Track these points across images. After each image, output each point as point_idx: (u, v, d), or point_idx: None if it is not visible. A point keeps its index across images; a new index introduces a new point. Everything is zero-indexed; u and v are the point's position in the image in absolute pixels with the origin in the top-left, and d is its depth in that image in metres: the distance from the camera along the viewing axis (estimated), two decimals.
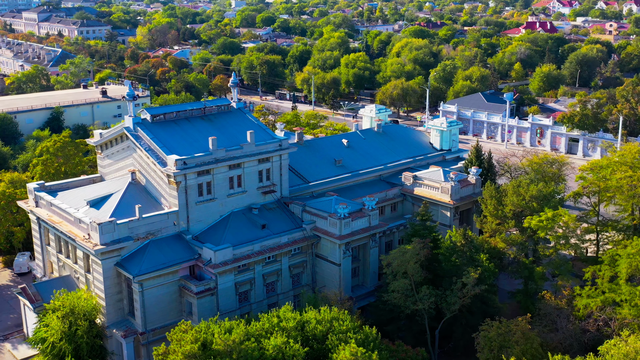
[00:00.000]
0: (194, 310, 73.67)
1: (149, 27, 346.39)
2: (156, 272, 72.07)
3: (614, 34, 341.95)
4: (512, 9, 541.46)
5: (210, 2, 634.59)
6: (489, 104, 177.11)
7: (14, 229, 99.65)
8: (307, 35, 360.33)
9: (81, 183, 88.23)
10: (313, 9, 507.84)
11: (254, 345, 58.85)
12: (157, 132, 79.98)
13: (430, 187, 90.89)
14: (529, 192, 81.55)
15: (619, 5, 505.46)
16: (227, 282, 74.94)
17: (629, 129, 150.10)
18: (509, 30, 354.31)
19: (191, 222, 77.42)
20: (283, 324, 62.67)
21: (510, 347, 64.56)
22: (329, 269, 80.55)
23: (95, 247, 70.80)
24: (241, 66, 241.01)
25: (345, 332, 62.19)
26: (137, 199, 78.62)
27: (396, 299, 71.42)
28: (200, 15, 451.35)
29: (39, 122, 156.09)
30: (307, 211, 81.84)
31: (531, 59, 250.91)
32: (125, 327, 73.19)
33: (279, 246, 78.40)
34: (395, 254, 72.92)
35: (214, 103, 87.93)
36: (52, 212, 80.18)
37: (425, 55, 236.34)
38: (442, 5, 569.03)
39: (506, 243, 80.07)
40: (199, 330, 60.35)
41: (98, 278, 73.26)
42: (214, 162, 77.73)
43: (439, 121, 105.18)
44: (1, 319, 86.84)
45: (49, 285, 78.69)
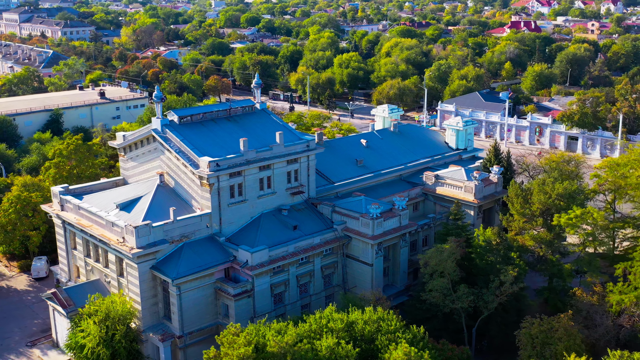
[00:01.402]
0: (231, 313, 73.35)
1: (134, 28, 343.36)
2: (194, 275, 71.68)
3: (596, 33, 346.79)
4: (491, 8, 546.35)
5: (189, 2, 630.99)
6: (486, 103, 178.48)
7: (29, 233, 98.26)
8: (293, 36, 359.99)
9: (104, 186, 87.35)
10: (295, 9, 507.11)
11: (307, 346, 58.77)
12: (185, 133, 79.46)
13: (453, 186, 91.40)
14: (555, 190, 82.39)
15: (596, 5, 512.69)
16: (263, 283, 74.73)
17: (628, 127, 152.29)
18: (493, 29, 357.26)
19: (223, 224, 77.11)
20: (331, 324, 62.64)
21: (553, 344, 65.22)
22: (360, 269, 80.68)
23: (132, 251, 70.17)
24: (233, 67, 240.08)
25: (393, 332, 62.43)
26: (167, 202, 78.08)
27: (435, 298, 71.80)
28: (182, 15, 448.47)
29: (38, 124, 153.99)
30: (337, 212, 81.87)
31: (520, 58, 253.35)
32: (162, 331, 72.64)
33: (312, 247, 78.40)
34: (433, 254, 73.29)
35: (238, 104, 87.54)
36: (81, 215, 79.25)
37: (417, 55, 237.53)
38: (422, 5, 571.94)
39: (535, 241, 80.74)
40: (250, 332, 60.06)
41: (133, 282, 72.57)
42: (245, 163, 77.48)
43: (455, 120, 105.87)
44: (26, 325, 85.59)
45: (78, 289, 77.81)
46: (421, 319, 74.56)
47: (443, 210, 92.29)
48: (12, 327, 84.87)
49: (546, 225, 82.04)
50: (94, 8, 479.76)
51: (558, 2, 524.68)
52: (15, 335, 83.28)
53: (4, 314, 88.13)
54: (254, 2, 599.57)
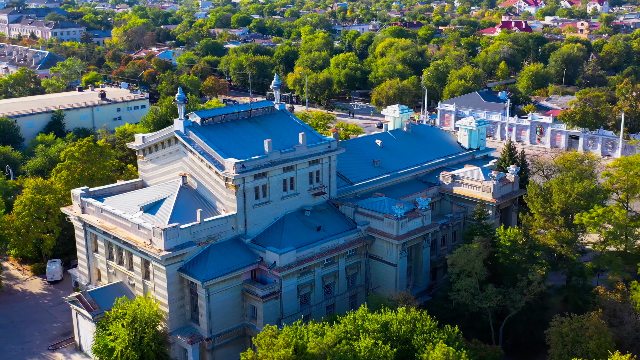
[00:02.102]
0: (259, 314, 73.23)
1: (124, 28, 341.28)
2: (222, 277, 71.50)
3: (586, 32, 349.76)
4: (479, 8, 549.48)
5: (176, 2, 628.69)
6: (486, 102, 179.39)
7: (43, 236, 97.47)
8: (284, 36, 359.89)
9: (124, 188, 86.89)
10: (284, 9, 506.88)
11: (347, 347, 58.82)
12: (209, 135, 79.23)
13: (471, 186, 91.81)
14: (575, 189, 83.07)
15: (583, 5, 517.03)
16: (290, 285, 74.69)
17: (629, 126, 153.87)
18: (484, 29, 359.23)
19: (248, 225, 76.98)
20: (366, 325, 62.72)
21: (584, 342, 65.72)
22: (384, 269, 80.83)
23: (161, 253, 69.82)
24: (230, 67, 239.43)
25: (428, 332, 62.65)
26: (190, 203, 77.81)
27: (463, 298, 72.11)
28: (171, 15, 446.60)
29: (39, 126, 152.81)
30: (360, 212, 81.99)
31: (514, 58, 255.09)
32: (190, 333, 72.34)
33: (337, 248, 78.45)
34: (460, 253, 73.62)
35: (258, 105, 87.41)
36: (103, 218, 78.74)
37: (413, 55, 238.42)
38: (409, 5, 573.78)
39: (556, 240, 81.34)
40: (288, 334, 60.00)
41: (161, 284, 72.23)
42: (270, 164, 77.39)
43: (468, 120, 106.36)
44: (46, 329, 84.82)
45: (102, 292, 77.30)
46: (448, 318, 74.78)
47: (460, 210, 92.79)
48: (32, 331, 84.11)
49: (567, 224, 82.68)
50: (81, 8, 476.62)
51: (545, 2, 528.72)
52: (35, 339, 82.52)
53: (22, 317, 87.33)
54: (241, 2, 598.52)
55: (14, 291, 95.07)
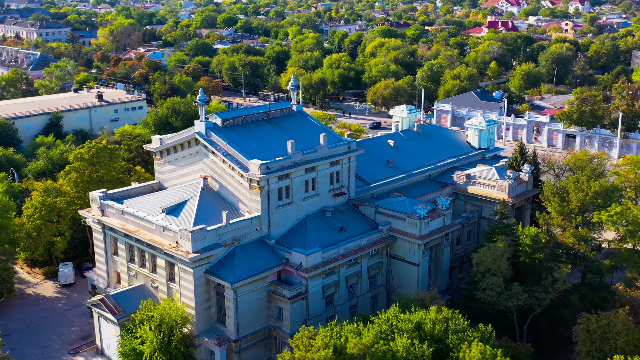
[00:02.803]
0: (285, 315, 73.19)
1: (110, 29, 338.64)
2: (250, 279, 71.36)
3: (570, 32, 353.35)
4: (461, 8, 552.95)
5: (157, 3, 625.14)
6: (482, 102, 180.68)
7: (54, 239, 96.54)
8: (272, 36, 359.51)
9: (141, 190, 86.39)
10: (268, 9, 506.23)
11: (385, 347, 58.99)
12: (230, 136, 79.00)
13: (486, 185, 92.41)
14: (591, 188, 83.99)
15: (564, 4, 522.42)
16: (316, 286, 74.75)
17: (626, 125, 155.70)
18: (470, 29, 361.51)
19: (272, 226, 76.90)
20: (400, 325, 62.94)
21: (611, 339, 66.48)
22: (405, 269, 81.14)
23: (189, 255, 69.52)
24: (222, 67, 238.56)
25: (462, 331, 63.01)
26: (212, 205, 77.59)
27: (490, 297, 72.62)
28: (155, 16, 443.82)
29: (37, 127, 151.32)
30: (380, 212, 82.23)
31: (504, 58, 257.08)
32: (217, 335, 72.09)
33: (361, 248, 78.63)
34: (485, 252, 74.13)
35: (277, 106, 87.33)
36: (125, 220, 78.18)
37: (405, 55, 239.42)
38: (392, 5, 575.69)
39: (575, 238, 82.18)
40: (326, 335, 60.04)
41: (187, 286, 71.90)
42: (293, 165, 77.37)
43: (477, 120, 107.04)
44: (63, 333, 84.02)
45: (125, 295, 76.75)
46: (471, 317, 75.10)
47: (474, 210, 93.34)
48: (50, 335, 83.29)
49: (584, 222, 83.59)
50: (63, 9, 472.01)
51: (527, 2, 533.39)
52: (54, 343, 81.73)
53: (39, 322, 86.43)
54: (224, 2, 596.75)
55: (27, 295, 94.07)
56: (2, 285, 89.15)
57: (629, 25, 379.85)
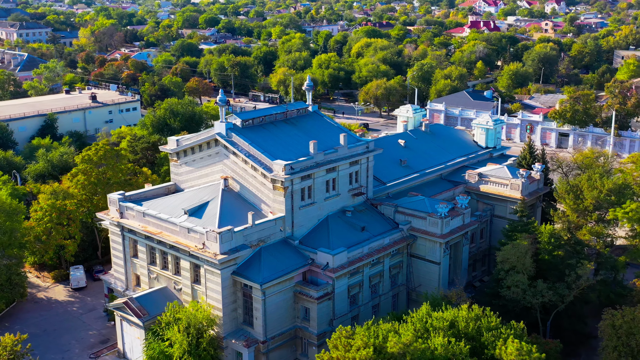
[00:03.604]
0: (312, 316, 73.21)
1: (92, 29, 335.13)
2: (278, 279, 71.26)
3: (550, 32, 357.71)
4: (438, 8, 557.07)
5: (134, 3, 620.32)
6: (475, 101, 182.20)
7: (64, 242, 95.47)
8: (254, 36, 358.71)
9: (157, 192, 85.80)
10: (247, 10, 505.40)
11: (424, 346, 59.32)
12: (251, 137, 78.80)
13: (498, 184, 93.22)
14: (605, 186, 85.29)
15: (540, 4, 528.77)
16: (341, 285, 74.89)
17: (619, 124, 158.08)
18: (452, 29, 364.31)
19: (295, 227, 76.86)
20: (435, 323, 63.33)
21: (637, 334, 67.48)
22: (426, 268, 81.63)
23: (217, 257, 69.25)
24: (211, 68, 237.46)
25: (495, 329, 63.56)
26: (234, 206, 77.36)
27: (515, 294, 73.35)
28: (134, 16, 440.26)
29: (32, 129, 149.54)
30: (400, 212, 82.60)
31: (489, 57, 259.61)
32: (245, 337, 71.89)
33: (384, 247, 78.91)
34: (509, 250, 74.84)
35: (293, 107, 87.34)
36: (146, 222, 77.57)
37: (393, 55, 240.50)
38: (370, 5, 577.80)
39: (591, 235, 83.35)
40: (365, 334, 60.20)
41: (214, 288, 71.57)
42: (316, 166, 77.40)
43: (484, 119, 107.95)
44: (82, 337, 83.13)
45: (148, 298, 76.14)
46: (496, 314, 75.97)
47: (487, 208, 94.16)
48: (69, 340, 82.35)
49: (600, 219, 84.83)
50: (40, 9, 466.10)
51: (504, 2, 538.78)
52: (74, 347, 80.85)
53: (55, 326, 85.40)
54: (201, 3, 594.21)
55: (38, 299, 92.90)
56: (14, 289, 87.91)
57: (606, 25, 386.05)
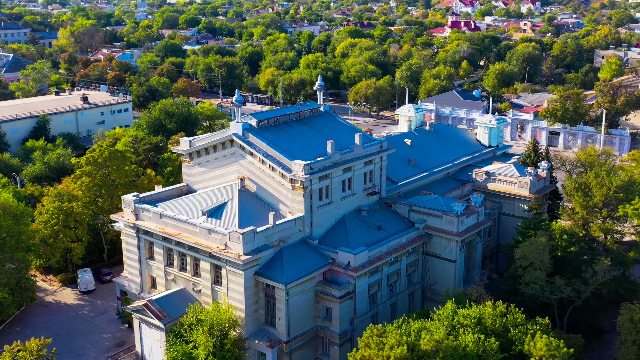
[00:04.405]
0: (334, 315, 73.38)
1: (71, 30, 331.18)
2: (301, 279, 71.35)
3: (529, 32, 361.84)
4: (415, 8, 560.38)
5: (109, 3, 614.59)
6: (465, 101, 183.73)
7: (72, 245, 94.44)
8: (236, 36, 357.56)
9: (170, 194, 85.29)
10: (226, 10, 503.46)
11: (455, 343, 59.85)
12: (267, 137, 78.75)
13: (506, 182, 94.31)
14: (613, 182, 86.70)
15: (516, 5, 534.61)
16: (362, 285, 75.19)
17: (608, 122, 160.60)
18: (432, 29, 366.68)
19: (314, 226, 77.00)
20: (462, 320, 63.89)
21: None
22: (442, 266, 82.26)
23: (241, 257, 69.13)
24: (197, 68, 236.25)
25: (522, 325, 64.32)
26: (252, 207, 77.27)
27: (535, 290, 74.28)
28: (112, 16, 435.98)
29: (24, 131, 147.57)
30: (415, 210, 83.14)
31: (473, 57, 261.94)
32: (267, 337, 71.84)
33: (401, 246, 79.39)
34: (527, 247, 75.75)
35: (306, 107, 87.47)
36: (163, 224, 77.10)
37: (379, 55, 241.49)
38: (347, 5, 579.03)
39: (602, 231, 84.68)
40: (397, 332, 60.55)
41: (236, 289, 71.41)
42: (333, 166, 77.64)
43: (487, 118, 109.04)
44: (96, 340, 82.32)
45: (167, 300, 75.60)
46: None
47: (495, 206, 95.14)
48: (83, 343, 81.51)
49: (609, 216, 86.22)
50: (15, 9, 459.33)
51: (481, 2, 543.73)
52: (89, 351, 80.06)
53: (67, 330, 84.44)
54: (177, 3, 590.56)
55: (47, 303, 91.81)
56: (24, 294, 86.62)
57: (582, 24, 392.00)
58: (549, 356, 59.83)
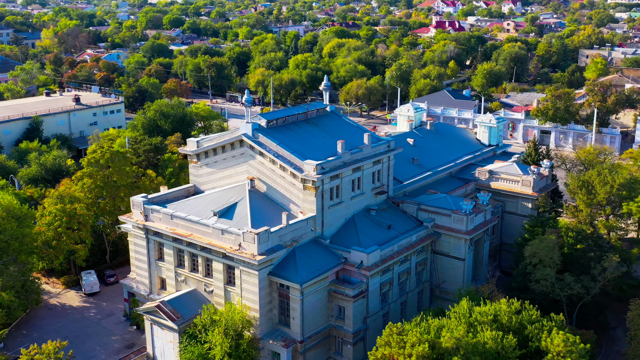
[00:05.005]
0: (347, 314, 73.62)
1: (55, 30, 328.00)
2: (315, 279, 71.50)
3: (512, 32, 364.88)
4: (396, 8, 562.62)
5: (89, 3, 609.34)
6: (456, 100, 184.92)
7: (75, 247, 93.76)
8: (221, 37, 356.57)
9: (178, 195, 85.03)
10: (209, 10, 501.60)
11: (475, 340, 60.34)
12: (277, 137, 78.82)
13: (509, 181, 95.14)
14: (616, 180, 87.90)
15: (497, 5, 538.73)
16: (374, 284, 75.51)
17: (599, 121, 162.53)
18: (417, 29, 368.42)
19: (325, 226, 77.18)
20: (479, 317, 64.39)
21: None
22: (450, 264, 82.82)
23: (256, 258, 69.14)
24: (186, 69, 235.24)
25: (538, 321, 64.99)
26: (262, 207, 77.31)
27: (545, 287, 75.09)
28: (95, 17, 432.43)
29: (17, 132, 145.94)
30: (423, 209, 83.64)
31: (459, 57, 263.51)
32: (282, 337, 71.91)
33: (412, 245, 79.84)
34: (537, 244, 76.51)
35: (313, 107, 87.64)
36: (174, 225, 76.83)
37: (368, 55, 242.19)
38: (329, 6, 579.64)
39: (607, 228, 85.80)
40: (417, 330, 60.93)
41: (251, 289, 71.40)
42: (343, 165, 77.88)
43: (487, 118, 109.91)
44: (105, 342, 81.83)
45: (179, 301, 75.40)
46: None
47: (498, 205, 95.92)
48: (92, 346, 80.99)
49: (612, 213, 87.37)
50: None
51: (462, 3, 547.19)
52: (99, 353, 79.57)
53: (76, 332, 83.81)
54: (158, 3, 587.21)
55: (52, 306, 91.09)
56: (30, 296, 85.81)
57: (564, 24, 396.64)
58: (566, 352, 60.47)
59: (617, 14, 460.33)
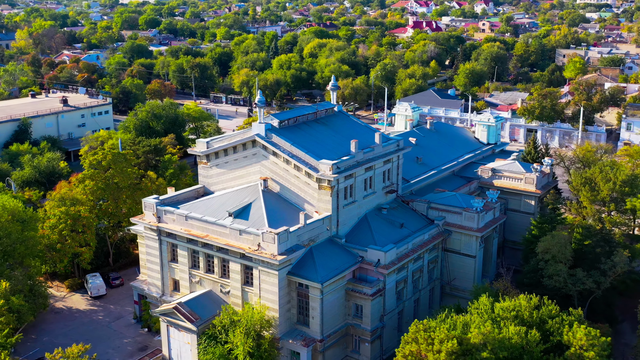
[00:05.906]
0: (365, 312, 74.06)
1: (29, 31, 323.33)
2: (334, 278, 71.81)
3: (487, 32, 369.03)
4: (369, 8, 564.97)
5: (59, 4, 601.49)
6: (442, 100, 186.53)
7: (80, 249, 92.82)
8: (198, 37, 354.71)
9: (188, 196, 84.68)
10: (183, 10, 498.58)
11: (500, 336, 61.19)
12: (290, 137, 78.96)
13: (512, 179, 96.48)
14: (619, 177, 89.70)
15: (470, 5, 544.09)
16: (391, 282, 76.08)
17: (585, 119, 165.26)
18: (394, 30, 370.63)
19: (339, 225, 77.56)
20: (502, 313, 65.28)
21: None
22: (461, 261, 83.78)
23: (276, 257, 69.24)
24: (169, 70, 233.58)
25: (557, 316, 66.11)
26: (277, 207, 77.41)
27: (558, 283, 76.34)
28: (68, 17, 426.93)
29: (5, 134, 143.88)
30: (434, 208, 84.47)
31: (439, 57, 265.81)
32: (301, 336, 72.09)
33: (425, 243, 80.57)
34: (550, 240, 77.71)
35: (322, 107, 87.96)
36: (189, 226, 76.50)
37: (350, 55, 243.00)
38: (302, 6, 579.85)
39: (611, 224, 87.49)
40: (444, 327, 61.58)
41: (270, 289, 71.46)
42: (357, 165, 78.33)
43: (486, 116, 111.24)
44: (118, 345, 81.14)
45: (197, 302, 75.09)
46: None
47: (501, 202, 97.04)
48: (105, 349, 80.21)
49: (617, 210, 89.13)
50: None
51: (436, 3, 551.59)
52: (113, 357, 78.87)
53: (86, 336, 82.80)
54: (130, 4, 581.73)
55: (58, 309, 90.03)
56: (38, 300, 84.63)
57: (537, 24, 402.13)
58: (589, 346, 61.61)
59: (588, 14, 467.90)
